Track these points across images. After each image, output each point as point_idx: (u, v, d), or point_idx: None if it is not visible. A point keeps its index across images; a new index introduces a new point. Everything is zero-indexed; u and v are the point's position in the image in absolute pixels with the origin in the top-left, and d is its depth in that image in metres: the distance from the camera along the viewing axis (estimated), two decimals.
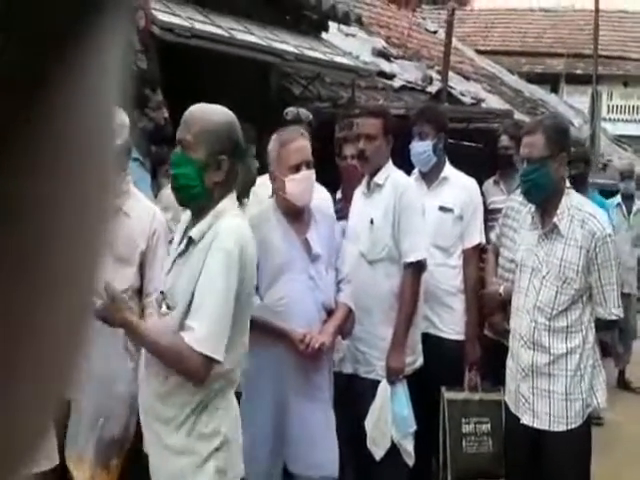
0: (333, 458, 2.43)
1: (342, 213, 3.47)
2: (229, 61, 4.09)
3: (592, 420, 2.61)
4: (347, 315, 2.56)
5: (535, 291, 2.50)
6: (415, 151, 3.25)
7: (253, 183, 2.91)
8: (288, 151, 2.42)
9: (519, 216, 2.94)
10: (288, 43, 4.52)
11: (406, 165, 3.20)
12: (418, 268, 2.82)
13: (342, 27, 6.34)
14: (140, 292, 2.51)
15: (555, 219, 2.48)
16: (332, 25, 5.69)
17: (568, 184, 2.59)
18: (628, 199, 5.92)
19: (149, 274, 2.48)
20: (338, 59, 4.92)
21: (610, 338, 2.50)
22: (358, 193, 3.02)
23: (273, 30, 4.57)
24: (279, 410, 2.39)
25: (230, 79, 4.33)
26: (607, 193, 6.10)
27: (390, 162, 2.95)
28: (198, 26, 3.83)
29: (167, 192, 2.80)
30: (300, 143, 2.45)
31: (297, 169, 2.41)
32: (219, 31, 3.98)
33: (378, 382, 2.77)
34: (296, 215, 2.49)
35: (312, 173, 2.47)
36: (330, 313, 2.50)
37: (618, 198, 5.96)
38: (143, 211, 2.49)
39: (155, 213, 2.55)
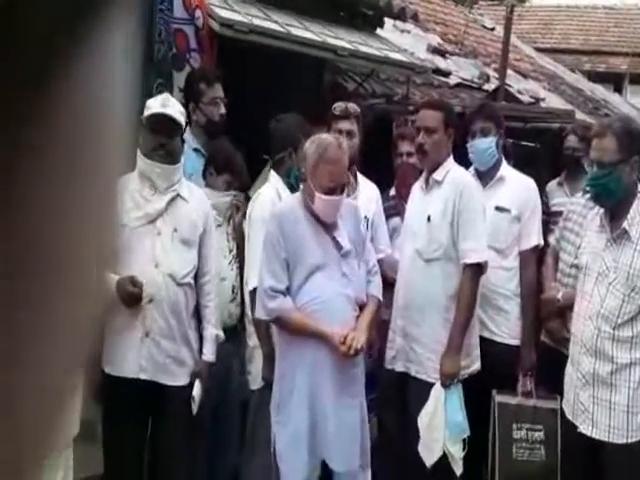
0: (365, 447, 2.44)
1: (395, 210, 3.44)
2: (285, 57, 4.10)
3: None
4: (377, 308, 2.56)
5: (600, 297, 2.40)
6: (477, 148, 3.15)
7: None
8: (326, 171, 2.39)
9: (582, 219, 2.84)
10: (343, 39, 4.50)
11: (459, 164, 3.12)
12: (478, 270, 2.74)
13: (398, 23, 6.27)
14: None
15: (625, 224, 2.38)
16: (388, 22, 5.63)
17: None
18: None
19: (205, 255, 2.58)
20: (393, 55, 4.86)
21: None
22: (416, 189, 2.96)
23: (329, 26, 4.55)
24: (315, 408, 2.37)
25: (286, 75, 4.35)
26: None
27: (451, 158, 2.86)
28: (256, 22, 3.85)
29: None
30: (340, 165, 2.41)
31: (330, 192, 2.39)
32: (276, 27, 3.99)
33: (429, 383, 2.72)
34: None
35: (343, 197, 2.45)
36: (361, 307, 2.49)
37: None
38: (197, 196, 2.60)
39: (205, 198, 2.66)
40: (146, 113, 2.42)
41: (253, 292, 2.66)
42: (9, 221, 0.19)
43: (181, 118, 2.52)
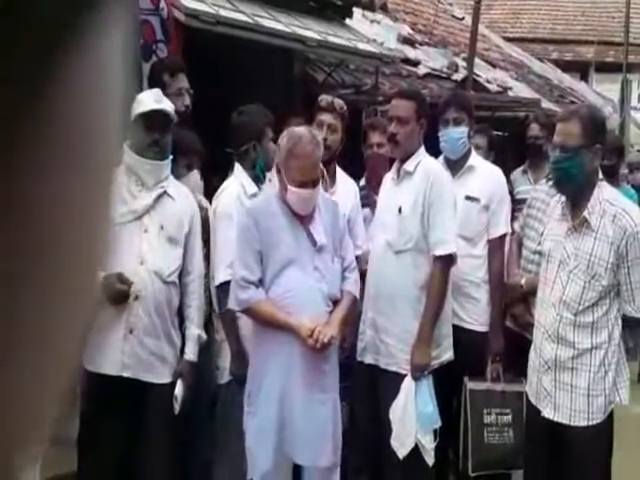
0: (336, 446, 2.44)
1: (366, 201, 3.46)
2: (253, 47, 4.08)
3: None
4: (352, 304, 2.55)
5: (562, 284, 2.45)
6: (450, 137, 3.16)
7: (270, 166, 2.91)
8: (297, 165, 2.38)
9: (545, 207, 2.88)
10: (312, 29, 4.49)
11: (429, 153, 3.15)
12: (447, 261, 2.75)
13: (367, 14, 6.27)
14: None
15: (586, 212, 2.42)
16: (357, 12, 5.63)
17: (601, 176, 2.53)
18: (637, 191, 5.82)
19: (190, 254, 2.58)
20: (362, 46, 4.87)
21: (623, 334, 2.43)
22: (387, 180, 2.96)
23: (298, 17, 4.54)
24: (285, 402, 2.37)
25: (254, 65, 4.32)
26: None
27: (422, 148, 2.86)
28: (223, 13, 3.82)
29: (194, 175, 2.84)
30: (311, 160, 2.39)
31: (302, 185, 2.38)
32: (244, 18, 3.97)
33: (399, 375, 2.74)
34: None
35: (317, 190, 2.43)
36: (335, 302, 2.48)
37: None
38: (183, 194, 2.58)
39: (191, 196, 2.64)
40: (140, 109, 2.39)
41: (219, 287, 2.66)
42: (7, 219, 0.19)
43: (173, 113, 2.52)
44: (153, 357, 2.48)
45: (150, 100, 2.44)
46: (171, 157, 2.56)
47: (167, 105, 2.49)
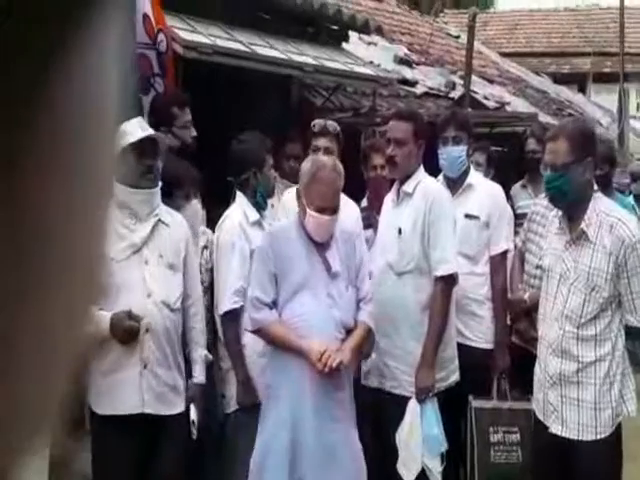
0: (354, 477, 2.40)
1: (367, 222, 3.49)
2: (250, 74, 4.15)
3: None
4: (367, 334, 2.54)
5: (563, 298, 2.46)
6: (449, 156, 3.18)
7: (271, 193, 2.94)
8: (319, 191, 2.43)
9: (545, 221, 2.90)
10: (308, 55, 4.56)
11: (428, 172, 3.18)
12: (449, 282, 2.75)
13: (363, 36, 6.37)
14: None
15: (583, 225, 2.43)
16: (354, 35, 5.72)
17: (596, 187, 2.55)
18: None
19: (188, 277, 2.59)
20: (358, 69, 4.94)
21: (631, 345, 2.43)
22: (387, 201, 2.98)
23: (294, 43, 4.62)
24: (296, 425, 2.36)
25: (251, 92, 4.39)
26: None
27: (421, 168, 2.87)
28: (220, 42, 3.90)
29: (194, 205, 2.87)
30: (332, 187, 2.45)
31: (321, 211, 2.43)
32: (240, 47, 4.04)
33: (404, 398, 2.72)
34: None
35: (334, 218, 2.47)
36: (350, 332, 2.47)
37: (631, 199, 5.86)
38: (176, 220, 2.59)
39: (183, 220, 2.65)
40: (129, 139, 2.40)
41: (224, 316, 2.68)
42: (9, 220, 0.19)
43: (160, 139, 2.56)
44: (166, 388, 2.47)
45: (137, 129, 2.46)
46: (162, 186, 2.57)
47: (152, 131, 2.53)
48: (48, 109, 0.20)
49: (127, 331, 2.36)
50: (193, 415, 2.54)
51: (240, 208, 2.85)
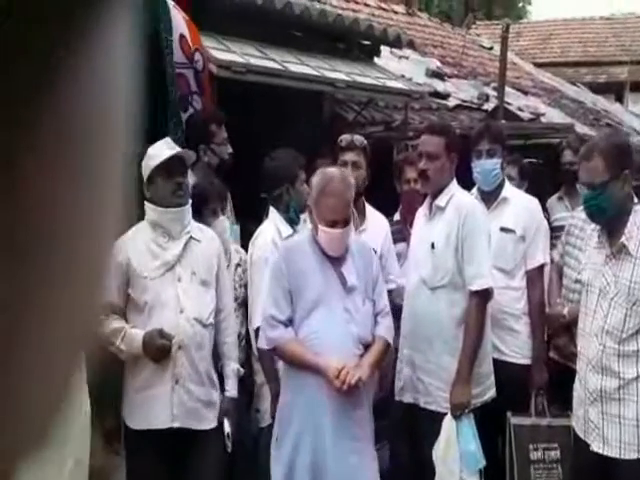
0: None
1: (400, 235, 3.48)
2: (283, 91, 4.21)
3: None
4: (385, 349, 2.50)
5: (603, 313, 2.41)
6: (483, 169, 3.16)
7: (304, 208, 2.96)
8: (327, 204, 2.39)
9: (583, 234, 2.85)
10: (340, 71, 4.60)
11: (461, 185, 3.15)
12: (484, 297, 2.71)
13: (395, 50, 6.39)
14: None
15: (623, 239, 2.39)
16: (385, 49, 5.74)
17: (636, 200, 2.50)
18: None
19: (220, 292, 2.61)
20: (390, 83, 4.95)
21: None
22: (419, 215, 2.96)
23: (326, 59, 4.67)
24: (316, 447, 2.33)
25: (283, 108, 4.45)
26: None
27: (454, 182, 2.85)
28: (253, 61, 3.97)
29: (222, 222, 2.92)
30: (342, 199, 2.39)
31: (332, 225, 2.39)
32: (273, 64, 4.10)
33: (439, 414, 2.69)
34: None
35: (348, 230, 2.43)
36: (367, 347, 2.44)
37: None
38: (208, 236, 2.63)
39: (215, 236, 2.69)
40: (158, 160, 2.47)
41: (258, 331, 2.68)
42: (10, 219, 0.19)
43: (187, 156, 2.60)
44: (199, 404, 2.49)
45: (164, 149, 2.53)
46: (191, 203, 2.61)
47: (179, 150, 2.57)
48: (52, 109, 0.19)
49: (159, 349, 2.40)
50: (227, 429, 2.55)
51: (273, 224, 2.88)
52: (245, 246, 3.01)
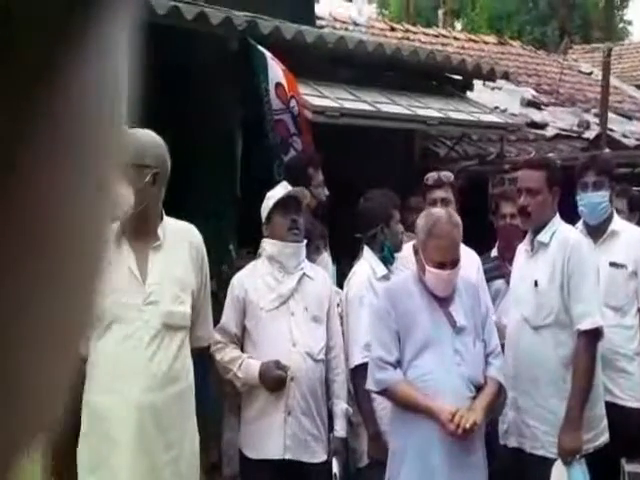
0: None
1: (498, 272, 3.38)
2: (375, 131, 4.27)
3: None
4: (498, 391, 2.43)
5: None
6: (589, 202, 3.04)
7: (399, 248, 2.97)
8: (436, 245, 2.38)
9: None
10: (432, 107, 4.61)
11: (564, 219, 3.03)
12: (594, 336, 2.58)
13: (488, 83, 6.32)
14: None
15: None
16: (478, 81, 5.69)
17: None
18: None
19: (331, 330, 2.68)
20: (484, 117, 4.89)
21: None
22: (520, 252, 2.87)
23: (418, 97, 4.70)
24: None
25: (374, 147, 4.51)
26: None
27: (557, 216, 2.74)
28: (346, 104, 4.07)
29: (325, 258, 3.01)
30: (450, 240, 2.38)
31: (441, 266, 2.38)
32: (365, 106, 4.19)
33: (546, 459, 2.57)
34: None
35: (456, 271, 2.40)
36: (479, 389, 2.38)
37: None
38: (320, 274, 2.74)
39: (326, 274, 2.80)
40: (275, 199, 2.65)
41: (354, 370, 2.70)
42: (9, 215, 0.19)
43: (302, 196, 2.74)
44: (310, 437, 2.55)
45: (280, 189, 2.71)
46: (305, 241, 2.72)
47: (294, 191, 2.71)
48: (49, 108, 0.19)
49: (276, 380, 2.49)
50: (335, 468, 2.58)
51: (367, 263, 2.91)
52: (340, 286, 3.05)
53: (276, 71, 3.67)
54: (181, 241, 2.22)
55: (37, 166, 0.20)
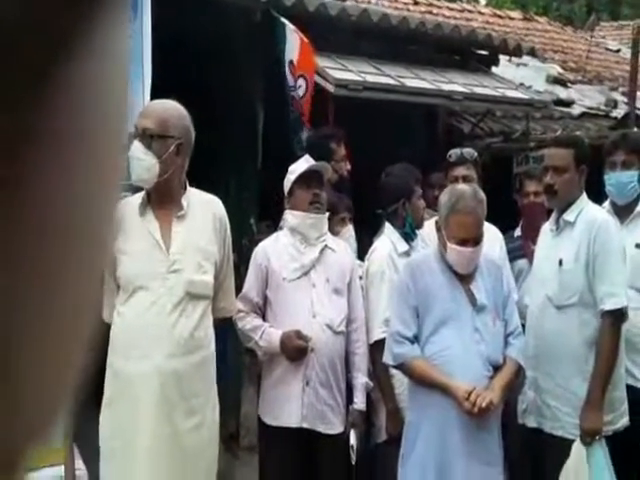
0: None
1: (521, 252, 3.33)
2: (397, 105, 4.21)
3: None
4: (516, 371, 2.40)
5: None
6: (618, 181, 2.98)
7: (420, 224, 2.94)
8: (460, 223, 2.34)
9: None
10: (457, 83, 4.53)
11: (591, 198, 2.97)
12: (618, 317, 2.55)
13: (513, 57, 6.19)
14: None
15: None
16: (503, 56, 5.58)
17: None
18: None
19: (352, 303, 2.68)
20: (510, 93, 4.79)
21: None
22: (545, 230, 2.82)
23: (442, 72, 4.61)
24: (442, 468, 2.27)
25: (398, 122, 4.44)
26: None
27: (584, 195, 2.70)
28: (369, 78, 4.01)
29: (349, 230, 2.99)
30: (473, 217, 2.35)
31: (463, 243, 2.34)
32: (389, 80, 4.12)
33: (565, 440, 2.54)
34: None
35: (478, 249, 2.36)
36: (497, 368, 2.36)
37: None
38: (342, 247, 2.74)
39: (348, 247, 2.80)
40: (297, 173, 2.64)
41: (374, 345, 2.69)
42: (11, 212, 0.19)
43: (324, 170, 2.73)
44: (327, 407, 2.56)
45: (303, 163, 2.70)
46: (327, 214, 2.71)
47: (317, 166, 2.69)
48: (53, 105, 0.19)
49: (296, 349, 2.50)
50: (352, 440, 2.58)
51: (389, 239, 2.89)
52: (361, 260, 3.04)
53: (292, 47, 3.61)
54: (205, 212, 2.22)
55: (42, 162, 0.19)
